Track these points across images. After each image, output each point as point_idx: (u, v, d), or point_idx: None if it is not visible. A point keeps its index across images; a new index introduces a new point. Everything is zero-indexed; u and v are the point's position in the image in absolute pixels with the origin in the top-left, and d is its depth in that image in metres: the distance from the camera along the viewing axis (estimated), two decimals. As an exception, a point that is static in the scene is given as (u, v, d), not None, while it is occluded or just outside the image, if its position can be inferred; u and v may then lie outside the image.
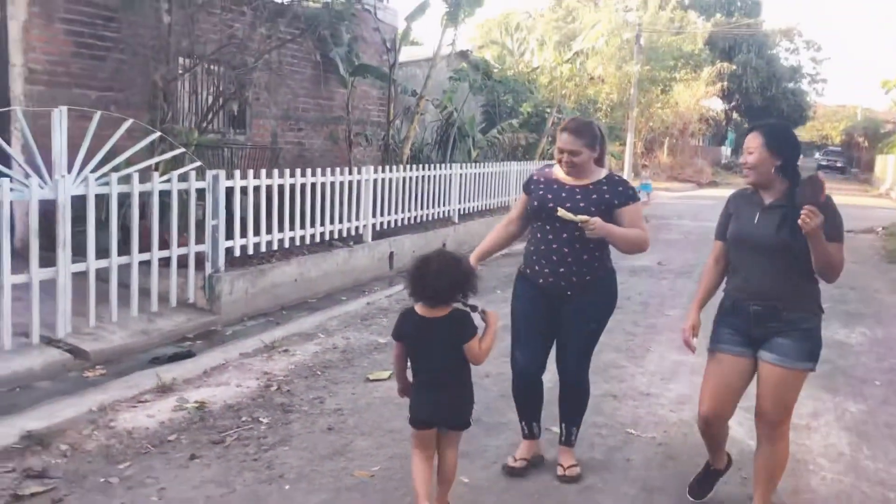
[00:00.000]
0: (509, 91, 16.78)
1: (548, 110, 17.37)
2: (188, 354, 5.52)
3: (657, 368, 5.52)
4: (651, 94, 30.83)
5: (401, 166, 9.91)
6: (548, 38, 23.97)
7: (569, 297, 3.48)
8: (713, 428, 3.23)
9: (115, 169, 5.59)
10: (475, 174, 11.90)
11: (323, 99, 11.75)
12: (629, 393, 4.93)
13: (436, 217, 10.62)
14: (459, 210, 11.28)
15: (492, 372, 4.87)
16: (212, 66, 8.72)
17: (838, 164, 52.87)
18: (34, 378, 4.90)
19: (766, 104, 43.97)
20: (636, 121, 28.91)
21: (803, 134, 64.29)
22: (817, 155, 60.64)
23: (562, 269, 3.45)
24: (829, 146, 62.66)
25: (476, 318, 3.03)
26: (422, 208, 10.21)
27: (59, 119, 5.13)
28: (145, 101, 7.80)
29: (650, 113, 31.77)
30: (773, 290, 3.02)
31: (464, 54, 16.76)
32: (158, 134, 6.35)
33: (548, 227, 3.49)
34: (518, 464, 3.66)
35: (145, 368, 5.19)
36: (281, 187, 7.33)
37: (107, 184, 5.50)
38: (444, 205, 10.79)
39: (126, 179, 5.66)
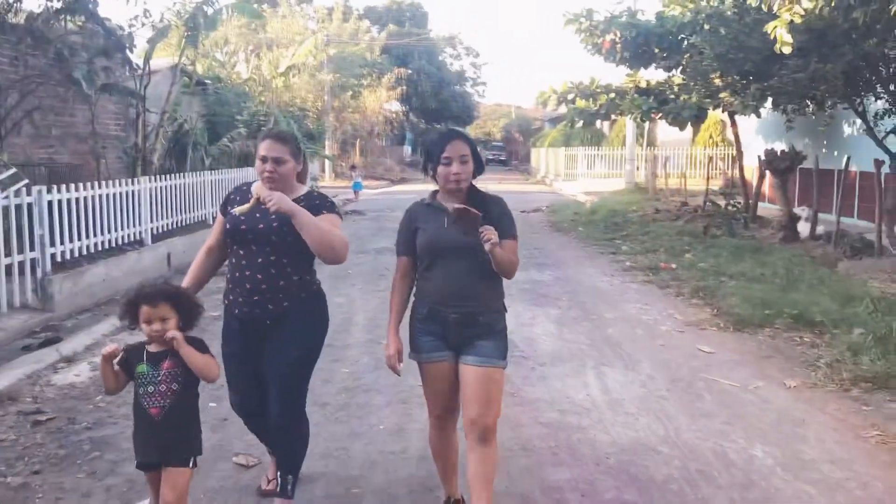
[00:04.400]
0: (224, 102, 18.07)
1: (262, 118, 18.95)
2: (56, 339, 6.55)
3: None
4: (342, 100, 33.55)
5: (166, 176, 11.05)
6: (240, 48, 25.38)
7: (268, 327, 3.21)
8: (446, 429, 3.25)
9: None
10: (224, 179, 13.29)
11: (67, 116, 12.28)
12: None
13: (200, 219, 11.90)
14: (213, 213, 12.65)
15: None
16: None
17: (501, 158, 60.79)
18: (-67, 370, 5.72)
19: (439, 106, 49.24)
20: (332, 125, 31.46)
21: (470, 132, 72.18)
22: (482, 150, 68.21)
23: (256, 298, 3.17)
24: (493, 141, 71.04)
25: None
26: (188, 212, 11.45)
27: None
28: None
29: (343, 117, 34.50)
30: (468, 295, 3.08)
31: (174, 67, 17.66)
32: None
33: (241, 252, 3.21)
34: (270, 486, 3.49)
35: (19, 356, 6.19)
36: (84, 199, 8.32)
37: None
38: (207, 207, 12.10)
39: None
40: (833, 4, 6.91)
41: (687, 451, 4.09)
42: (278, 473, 3.32)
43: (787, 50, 7.23)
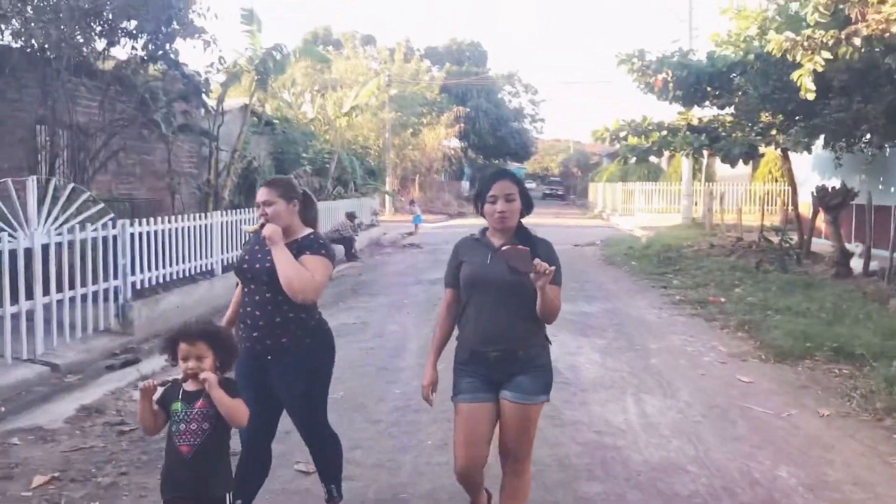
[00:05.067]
0: (292, 141, 18.95)
1: (327, 156, 19.79)
2: (136, 360, 7.15)
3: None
4: (402, 137, 34.48)
5: (235, 211, 11.74)
6: (307, 88, 26.45)
7: (270, 362, 3.39)
8: (470, 477, 3.29)
9: (66, 221, 7.11)
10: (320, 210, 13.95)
11: (146, 155, 13.17)
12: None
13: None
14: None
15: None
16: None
17: (559, 192, 60.96)
18: (30, 385, 6.33)
19: (497, 142, 49.87)
20: (392, 161, 32.36)
21: (527, 167, 72.71)
22: (539, 185, 68.54)
23: (255, 333, 3.36)
24: (550, 176, 71.34)
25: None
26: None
27: (32, 186, 6.63)
28: (20, 165, 9.07)
29: (403, 154, 35.41)
30: (509, 332, 3.13)
31: (245, 108, 18.63)
32: (88, 193, 7.83)
33: (246, 290, 3.45)
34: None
35: (103, 374, 6.79)
36: (162, 231, 9.00)
37: (60, 234, 7.02)
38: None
39: (71, 231, 7.20)
40: (857, 56, 7.12)
41: (714, 470, 4.36)
42: (323, 485, 3.69)
43: (811, 97, 7.46)
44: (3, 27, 8.72)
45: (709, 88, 13.59)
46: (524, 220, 3.32)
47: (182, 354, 2.92)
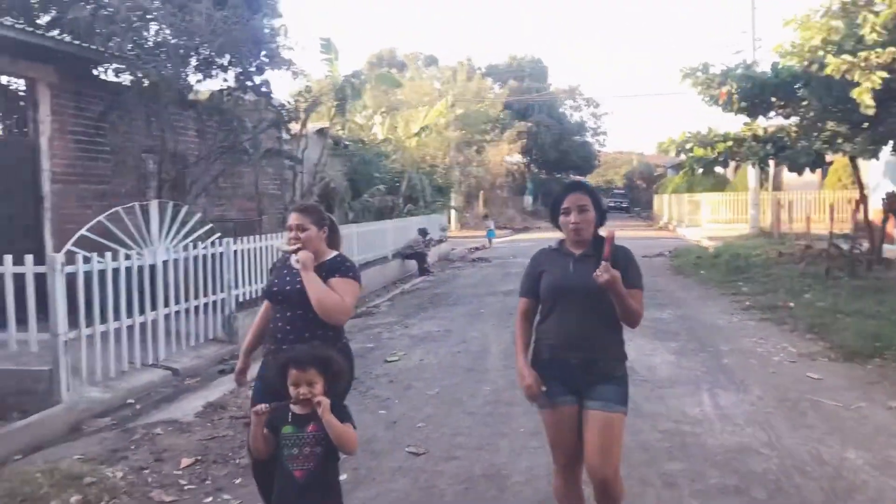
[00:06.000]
0: (366, 162, 19.77)
1: (397, 175, 20.56)
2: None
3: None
4: (467, 154, 35.20)
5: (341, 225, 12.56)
6: (376, 111, 27.35)
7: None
8: (571, 477, 3.36)
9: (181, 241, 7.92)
10: (364, 231, 14.78)
11: (236, 178, 14.09)
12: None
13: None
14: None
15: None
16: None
17: (623, 205, 60.71)
18: (157, 386, 7.10)
19: (559, 156, 50.27)
20: (457, 178, 33.05)
21: (591, 180, 72.62)
22: (603, 198, 68.18)
23: (285, 346, 3.41)
24: (614, 189, 71.04)
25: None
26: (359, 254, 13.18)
27: (156, 209, 7.45)
28: (131, 190, 10.00)
29: (467, 171, 36.11)
30: (590, 341, 3.20)
31: (322, 131, 19.60)
32: (199, 215, 8.66)
33: (278, 313, 3.57)
34: None
35: (216, 378, 7.52)
36: (259, 249, 9.78)
37: (177, 252, 7.83)
38: (354, 256, 13.55)
39: (185, 248, 8.01)
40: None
41: (785, 453, 4.77)
42: None
43: (870, 112, 7.76)
44: (121, 67, 9.64)
45: (773, 99, 13.79)
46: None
47: (292, 380, 2.93)
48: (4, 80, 9.19)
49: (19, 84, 9.35)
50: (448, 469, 4.64)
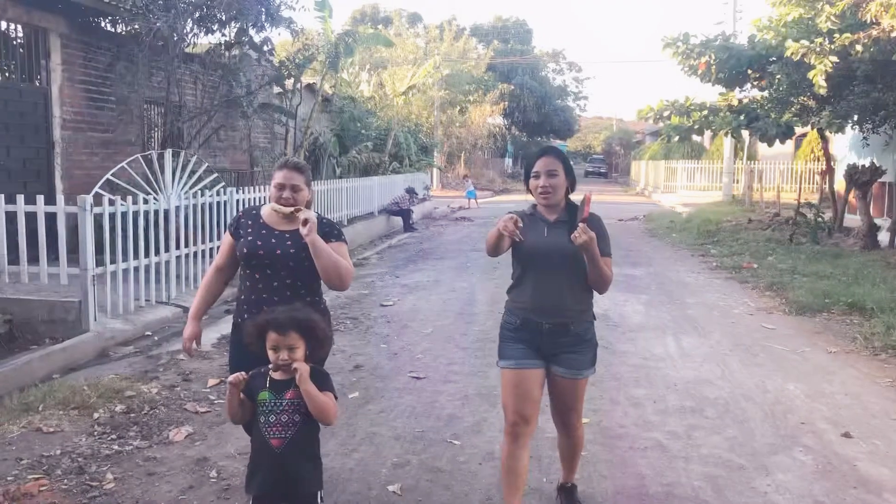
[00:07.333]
0: (354, 119, 20.22)
1: (384, 133, 21.05)
2: (250, 306, 8.49)
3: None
4: (450, 114, 35.66)
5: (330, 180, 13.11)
6: (363, 68, 27.69)
7: None
8: (520, 439, 3.24)
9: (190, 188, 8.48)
10: (352, 187, 15.34)
11: (230, 131, 14.55)
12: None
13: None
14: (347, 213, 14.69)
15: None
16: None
17: (602, 170, 61.59)
18: (170, 322, 7.72)
19: (541, 119, 50.74)
20: (440, 138, 33.56)
21: (570, 145, 73.25)
22: (582, 163, 69.15)
23: None
24: (593, 154, 71.80)
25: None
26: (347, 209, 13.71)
27: (167, 159, 7.99)
28: (134, 139, 10.49)
29: (450, 131, 36.60)
30: (561, 305, 3.23)
31: (311, 87, 19.98)
32: (205, 163, 9.19)
33: (257, 276, 3.27)
34: None
35: (224, 316, 8.13)
36: (260, 199, 10.34)
37: (188, 198, 8.41)
38: (342, 210, 14.15)
39: (195, 196, 8.57)
40: (868, 56, 8.09)
41: (736, 384, 5.54)
42: None
43: (822, 92, 8.49)
44: (130, 20, 10.06)
45: (749, 72, 14.47)
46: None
47: (272, 344, 2.72)
48: (20, 30, 9.58)
49: (33, 34, 9.76)
50: (446, 389, 5.35)
